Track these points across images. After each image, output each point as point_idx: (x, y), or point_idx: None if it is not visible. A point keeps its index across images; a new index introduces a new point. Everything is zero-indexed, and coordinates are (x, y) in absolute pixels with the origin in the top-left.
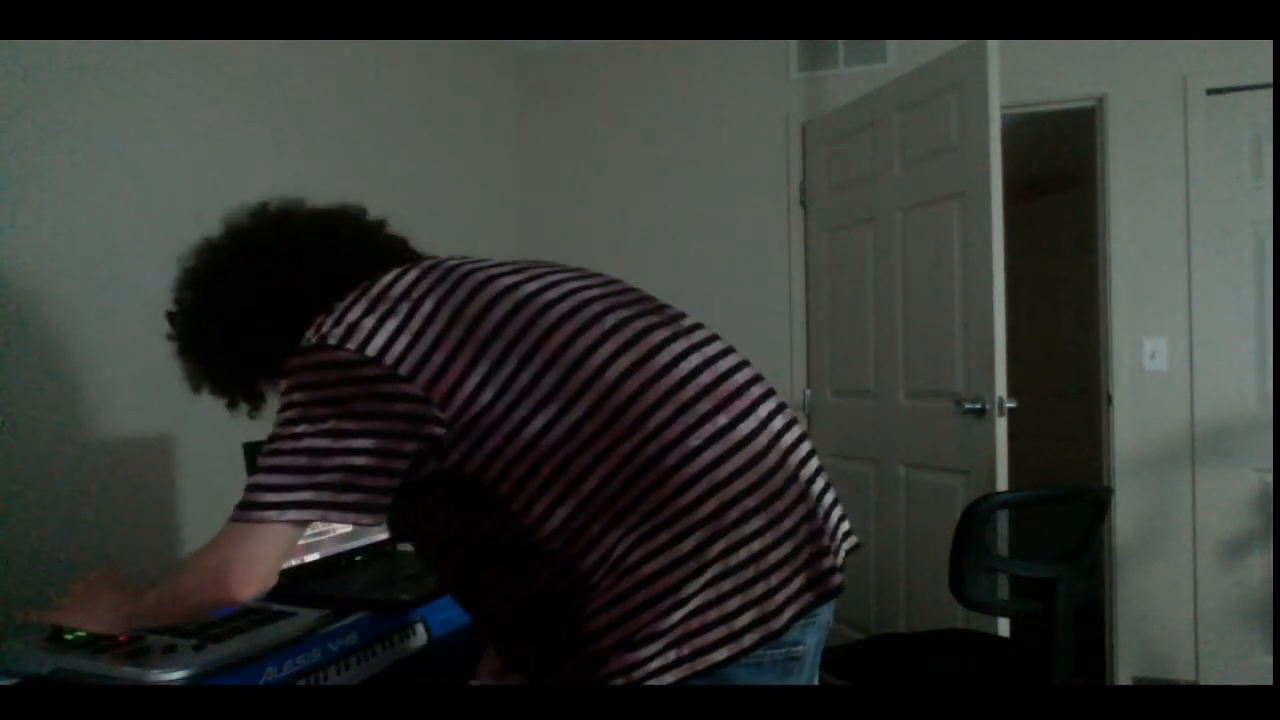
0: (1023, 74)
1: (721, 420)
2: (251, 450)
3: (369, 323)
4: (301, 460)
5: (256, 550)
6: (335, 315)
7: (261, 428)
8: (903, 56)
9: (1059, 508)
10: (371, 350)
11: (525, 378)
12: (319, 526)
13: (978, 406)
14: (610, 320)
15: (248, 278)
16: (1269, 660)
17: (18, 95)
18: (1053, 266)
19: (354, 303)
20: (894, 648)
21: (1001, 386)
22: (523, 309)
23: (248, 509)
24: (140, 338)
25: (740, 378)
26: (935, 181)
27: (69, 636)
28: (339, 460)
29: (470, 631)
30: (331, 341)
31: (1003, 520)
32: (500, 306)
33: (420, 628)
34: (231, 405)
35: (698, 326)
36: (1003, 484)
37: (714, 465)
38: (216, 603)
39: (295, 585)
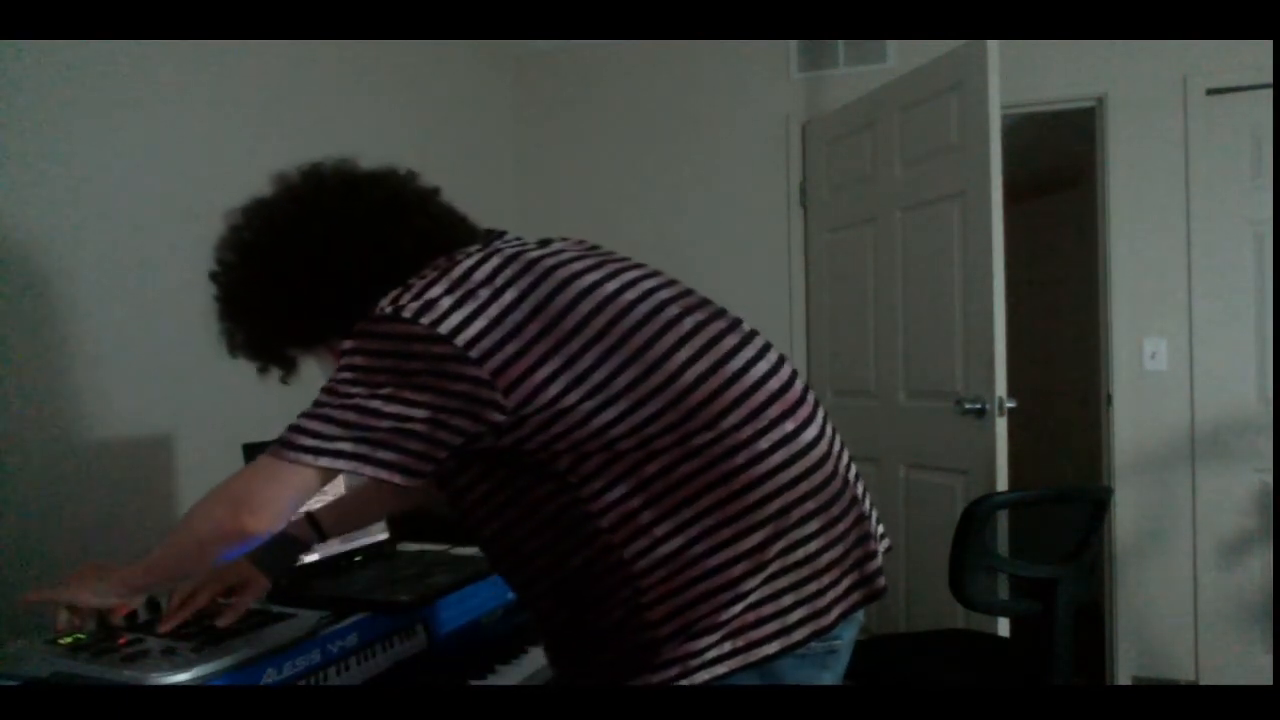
0: (1023, 74)
1: (789, 426)
2: (252, 451)
3: (447, 302)
4: (350, 416)
5: (278, 488)
6: (413, 290)
7: (263, 428)
8: (903, 56)
9: (1059, 508)
10: (445, 329)
11: (601, 374)
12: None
13: (978, 406)
14: (688, 324)
15: (311, 245)
16: (1269, 660)
17: (14, 95)
18: (1053, 266)
19: (434, 281)
20: (894, 648)
21: (1001, 386)
22: (605, 308)
23: (284, 447)
24: (140, 337)
25: (799, 385)
26: (935, 181)
27: (68, 639)
28: (388, 423)
29: (470, 632)
30: (406, 315)
31: (1003, 520)
32: (584, 305)
33: (420, 629)
34: (263, 371)
35: (756, 332)
36: (1003, 484)
37: (781, 468)
38: (225, 531)
39: (296, 586)
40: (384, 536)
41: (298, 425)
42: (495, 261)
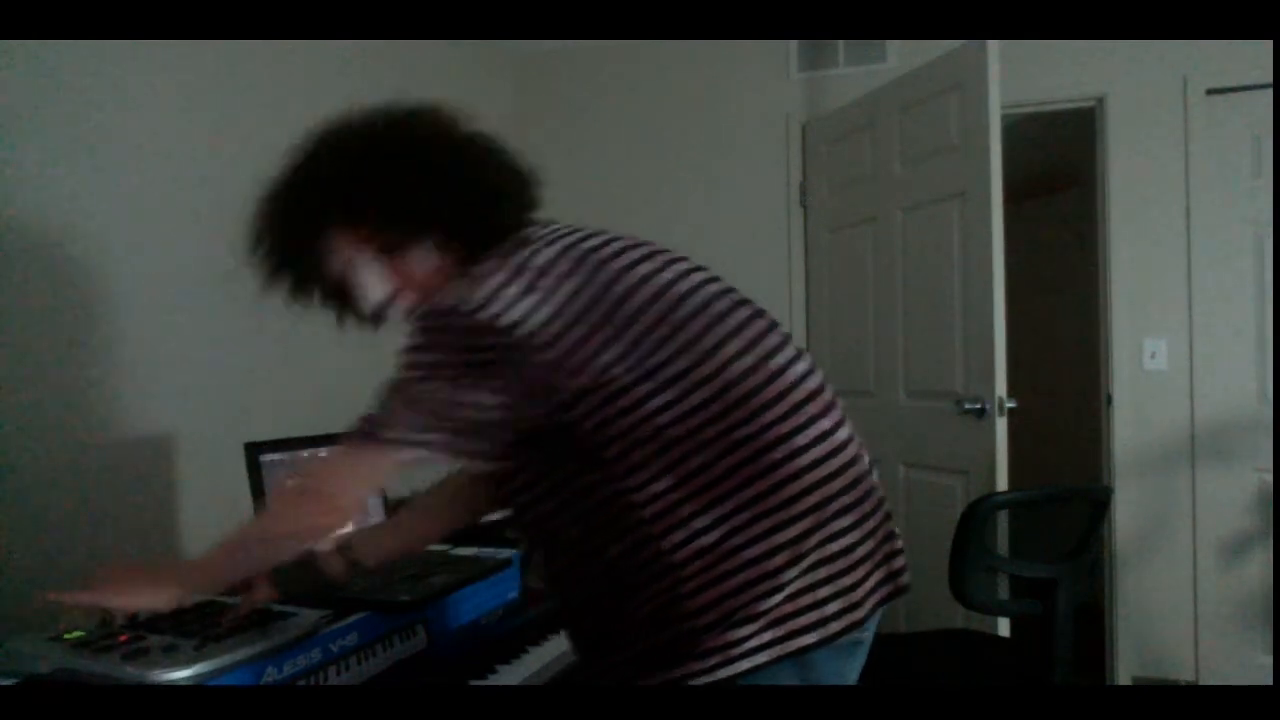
0: (1023, 74)
1: (825, 424)
2: (252, 450)
3: (510, 292)
4: (429, 406)
5: (361, 478)
6: (476, 281)
7: (264, 428)
8: (903, 56)
9: (1059, 508)
10: (509, 319)
11: (655, 360)
12: None
13: (978, 406)
14: (736, 319)
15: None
16: (1269, 660)
17: (13, 95)
18: (1053, 266)
19: (493, 271)
20: (894, 648)
21: (1001, 386)
22: (661, 298)
23: (367, 438)
24: (140, 336)
25: (829, 388)
26: (935, 181)
27: (69, 636)
28: (463, 413)
29: (470, 632)
30: (471, 306)
31: (1003, 520)
32: (640, 294)
33: (420, 628)
34: (340, 313)
35: (790, 336)
36: (1003, 484)
37: (817, 463)
38: (314, 524)
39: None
40: None
41: (375, 417)
42: (553, 251)
